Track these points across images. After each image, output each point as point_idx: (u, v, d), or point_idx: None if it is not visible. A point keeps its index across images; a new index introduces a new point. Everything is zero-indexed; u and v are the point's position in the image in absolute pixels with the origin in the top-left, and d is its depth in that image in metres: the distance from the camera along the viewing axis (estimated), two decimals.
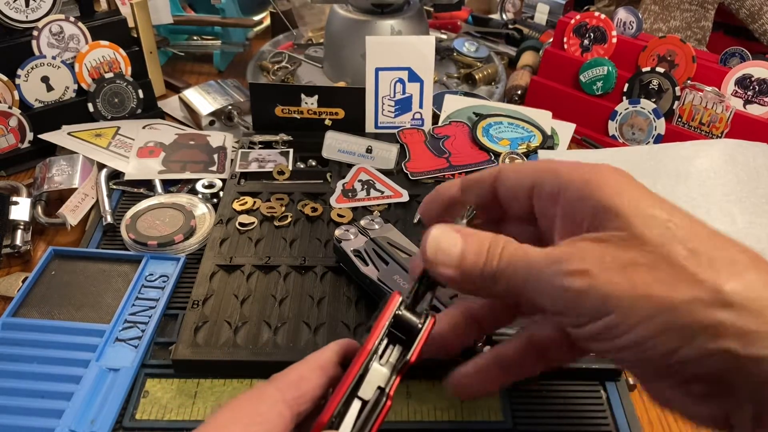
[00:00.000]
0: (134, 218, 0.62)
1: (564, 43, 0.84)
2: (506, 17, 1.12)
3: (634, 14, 0.80)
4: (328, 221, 0.63)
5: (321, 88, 0.75)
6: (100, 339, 0.50)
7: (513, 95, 0.89)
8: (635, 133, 0.79)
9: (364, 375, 0.26)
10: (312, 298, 0.54)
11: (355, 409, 0.25)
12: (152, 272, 0.57)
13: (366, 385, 0.26)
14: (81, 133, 0.75)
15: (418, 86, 0.77)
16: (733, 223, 0.62)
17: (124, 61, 0.79)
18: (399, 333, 0.27)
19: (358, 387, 0.26)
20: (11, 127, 0.72)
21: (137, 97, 0.80)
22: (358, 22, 0.87)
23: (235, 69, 1.01)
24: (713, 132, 0.74)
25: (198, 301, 0.53)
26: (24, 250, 0.61)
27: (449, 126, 0.78)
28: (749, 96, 0.73)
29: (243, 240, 0.60)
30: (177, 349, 0.49)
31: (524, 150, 0.74)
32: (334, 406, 0.25)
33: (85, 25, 0.75)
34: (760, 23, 0.86)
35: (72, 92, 0.77)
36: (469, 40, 1.02)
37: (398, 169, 0.71)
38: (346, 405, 0.25)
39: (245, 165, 0.70)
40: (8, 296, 0.56)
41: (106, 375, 0.48)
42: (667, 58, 0.76)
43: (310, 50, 1.00)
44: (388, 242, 0.55)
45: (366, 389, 0.25)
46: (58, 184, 0.68)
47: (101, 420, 0.45)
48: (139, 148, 0.73)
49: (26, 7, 0.71)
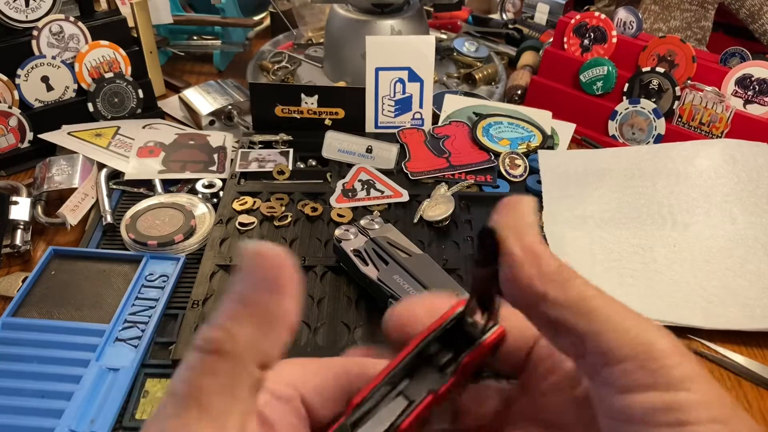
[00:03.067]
0: (134, 218, 0.62)
1: (564, 43, 0.84)
2: (506, 17, 1.12)
3: (634, 14, 0.80)
4: (328, 221, 0.63)
5: (321, 88, 0.75)
6: (100, 339, 0.50)
7: (513, 95, 0.88)
8: (635, 133, 0.79)
9: (411, 372, 0.22)
10: (312, 298, 0.54)
11: (393, 405, 0.22)
12: (152, 272, 0.57)
13: (413, 385, 0.22)
14: (81, 132, 0.75)
15: (418, 86, 0.77)
16: (733, 223, 0.62)
17: (124, 61, 0.79)
18: (459, 341, 0.23)
19: (401, 383, 0.22)
20: (11, 127, 0.72)
21: (137, 96, 0.80)
22: (358, 22, 0.87)
23: (235, 69, 1.01)
24: (713, 132, 0.74)
25: (198, 301, 0.53)
26: (24, 250, 0.61)
27: (449, 126, 0.78)
28: (749, 96, 0.73)
29: (243, 240, 0.60)
30: (177, 349, 0.49)
31: (524, 150, 0.74)
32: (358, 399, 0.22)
33: (85, 25, 0.75)
34: (760, 23, 0.86)
35: (72, 92, 0.77)
36: (469, 40, 1.02)
37: (398, 169, 0.71)
38: (382, 399, 0.22)
39: (245, 165, 0.70)
40: (8, 296, 0.56)
41: (106, 375, 0.48)
42: (667, 58, 0.76)
43: (310, 50, 1.00)
44: (388, 242, 0.54)
45: (412, 389, 0.22)
46: (58, 183, 0.67)
47: (101, 420, 0.45)
48: (139, 147, 0.73)
49: (26, 6, 0.71)
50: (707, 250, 0.60)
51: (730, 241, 0.61)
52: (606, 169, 0.69)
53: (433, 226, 0.63)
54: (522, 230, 0.21)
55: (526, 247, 0.21)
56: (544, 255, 0.21)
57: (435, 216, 0.62)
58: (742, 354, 0.54)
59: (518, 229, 0.21)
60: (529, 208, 0.22)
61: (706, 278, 0.58)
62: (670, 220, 0.63)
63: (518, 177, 0.71)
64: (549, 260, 0.21)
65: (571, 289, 0.21)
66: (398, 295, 0.49)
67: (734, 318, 0.55)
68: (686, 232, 0.62)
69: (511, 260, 0.21)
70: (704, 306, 0.56)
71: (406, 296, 0.49)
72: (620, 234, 0.63)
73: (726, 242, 0.61)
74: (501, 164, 0.71)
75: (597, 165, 0.70)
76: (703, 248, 0.61)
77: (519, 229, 0.21)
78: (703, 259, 0.60)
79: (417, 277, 0.51)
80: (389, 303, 0.50)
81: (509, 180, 0.71)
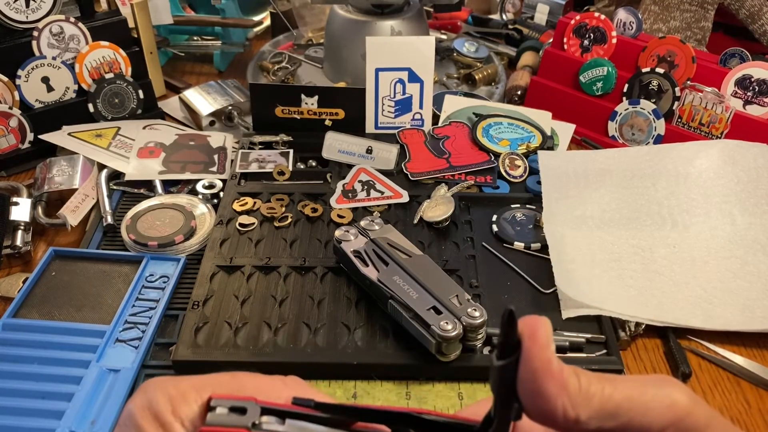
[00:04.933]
0: (134, 219, 0.62)
1: (564, 44, 0.84)
2: (506, 17, 1.12)
3: (634, 15, 0.80)
4: (328, 222, 0.63)
5: (321, 88, 0.75)
6: (100, 340, 0.50)
7: (513, 95, 0.89)
8: (635, 134, 0.79)
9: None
10: (312, 298, 0.54)
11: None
12: (152, 273, 0.58)
13: None
14: (81, 133, 0.75)
15: (418, 86, 0.77)
16: (733, 224, 0.62)
17: (125, 61, 0.79)
18: None
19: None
20: (12, 128, 0.72)
21: (137, 97, 0.80)
22: (358, 22, 0.87)
23: (235, 69, 1.01)
24: (713, 132, 0.74)
25: (198, 302, 0.53)
26: (24, 251, 0.62)
27: (449, 126, 0.78)
28: (749, 96, 0.73)
29: (243, 241, 0.60)
30: (177, 350, 0.49)
31: (524, 150, 0.74)
32: None
33: (85, 26, 0.75)
34: (760, 23, 0.86)
35: (72, 93, 0.77)
36: (469, 41, 1.02)
37: (398, 170, 0.71)
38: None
39: (245, 165, 0.70)
40: (9, 297, 0.56)
41: (107, 376, 0.48)
42: (667, 58, 0.76)
43: (310, 50, 1.00)
44: (388, 243, 0.55)
45: None
46: (58, 184, 0.68)
47: (101, 421, 0.45)
48: (139, 148, 0.73)
49: (26, 7, 0.71)
50: (707, 251, 0.60)
51: (729, 241, 0.61)
52: (606, 170, 0.69)
53: (433, 227, 0.63)
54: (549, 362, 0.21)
55: (556, 380, 0.21)
56: (571, 381, 0.22)
57: (435, 217, 0.62)
58: (741, 355, 0.54)
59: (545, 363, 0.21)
60: (547, 332, 0.22)
61: (705, 279, 0.58)
62: (670, 221, 0.63)
63: (518, 178, 0.71)
64: (571, 381, 0.22)
65: (593, 400, 0.22)
66: (398, 296, 0.49)
67: (734, 319, 0.55)
68: (686, 232, 0.62)
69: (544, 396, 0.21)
70: (704, 307, 0.56)
71: (405, 297, 0.49)
72: (620, 234, 0.63)
73: (726, 243, 0.61)
74: (501, 165, 0.72)
75: (597, 166, 0.70)
76: (703, 249, 0.61)
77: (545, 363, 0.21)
78: (703, 260, 0.60)
79: (417, 278, 0.51)
80: (389, 304, 0.50)
81: (509, 181, 0.71)
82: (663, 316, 0.55)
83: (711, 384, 0.52)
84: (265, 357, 0.49)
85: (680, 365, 0.52)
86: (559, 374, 0.21)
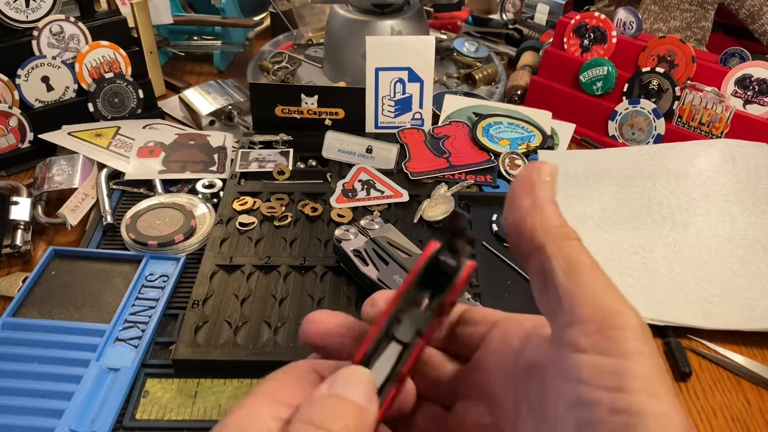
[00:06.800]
0: (134, 218, 0.62)
1: (564, 43, 0.84)
2: (506, 17, 1.12)
3: (634, 14, 0.80)
4: (328, 221, 0.63)
5: (321, 88, 0.75)
6: (100, 339, 0.50)
7: (513, 95, 0.89)
8: (635, 133, 0.79)
9: (398, 315, 0.24)
10: (312, 297, 0.54)
11: (390, 350, 0.24)
12: (152, 272, 0.58)
13: (402, 327, 0.24)
14: (81, 133, 0.75)
15: (418, 86, 0.77)
16: (733, 223, 0.62)
17: (125, 61, 0.79)
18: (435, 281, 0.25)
19: (391, 327, 0.24)
20: (11, 127, 0.72)
21: (137, 97, 0.80)
22: (358, 22, 0.87)
23: (235, 69, 1.01)
24: (713, 132, 0.74)
25: (198, 301, 0.53)
26: (24, 250, 0.61)
27: (449, 126, 0.78)
28: (749, 96, 0.73)
29: (243, 240, 0.60)
30: (177, 349, 0.49)
31: (524, 150, 0.74)
32: (366, 346, 0.23)
33: (85, 25, 0.75)
34: (760, 23, 0.86)
35: (72, 92, 0.77)
36: (469, 40, 1.02)
37: (398, 169, 0.71)
38: (379, 345, 0.24)
39: (245, 165, 0.70)
40: (8, 296, 0.56)
41: (107, 375, 0.48)
42: (667, 58, 0.76)
43: (310, 50, 1.00)
44: (388, 242, 0.55)
45: (402, 331, 0.24)
46: (58, 184, 0.68)
47: (101, 420, 0.45)
48: (139, 148, 0.73)
49: (26, 7, 0.71)
50: (707, 250, 0.60)
51: (729, 241, 0.61)
52: (606, 170, 0.69)
53: (433, 227, 0.63)
54: (536, 184, 0.23)
55: (536, 199, 0.23)
56: (550, 210, 0.23)
57: (435, 216, 0.62)
58: (741, 354, 0.54)
59: (533, 183, 0.23)
60: (550, 169, 0.24)
61: (705, 278, 0.58)
62: (670, 220, 0.63)
63: None
64: (553, 216, 0.23)
65: (566, 247, 0.22)
66: None
67: (734, 318, 0.55)
68: (686, 232, 0.62)
69: (519, 208, 0.23)
70: (704, 306, 0.56)
71: None
72: (620, 234, 0.63)
73: (726, 242, 0.61)
74: (501, 164, 0.72)
75: (597, 165, 0.70)
76: (703, 248, 0.61)
77: (533, 182, 0.23)
78: (703, 259, 0.60)
79: None
80: None
81: (509, 180, 0.71)
82: (663, 315, 0.55)
83: (711, 383, 0.52)
84: (264, 356, 0.49)
85: (680, 364, 0.52)
86: (545, 206, 0.23)
